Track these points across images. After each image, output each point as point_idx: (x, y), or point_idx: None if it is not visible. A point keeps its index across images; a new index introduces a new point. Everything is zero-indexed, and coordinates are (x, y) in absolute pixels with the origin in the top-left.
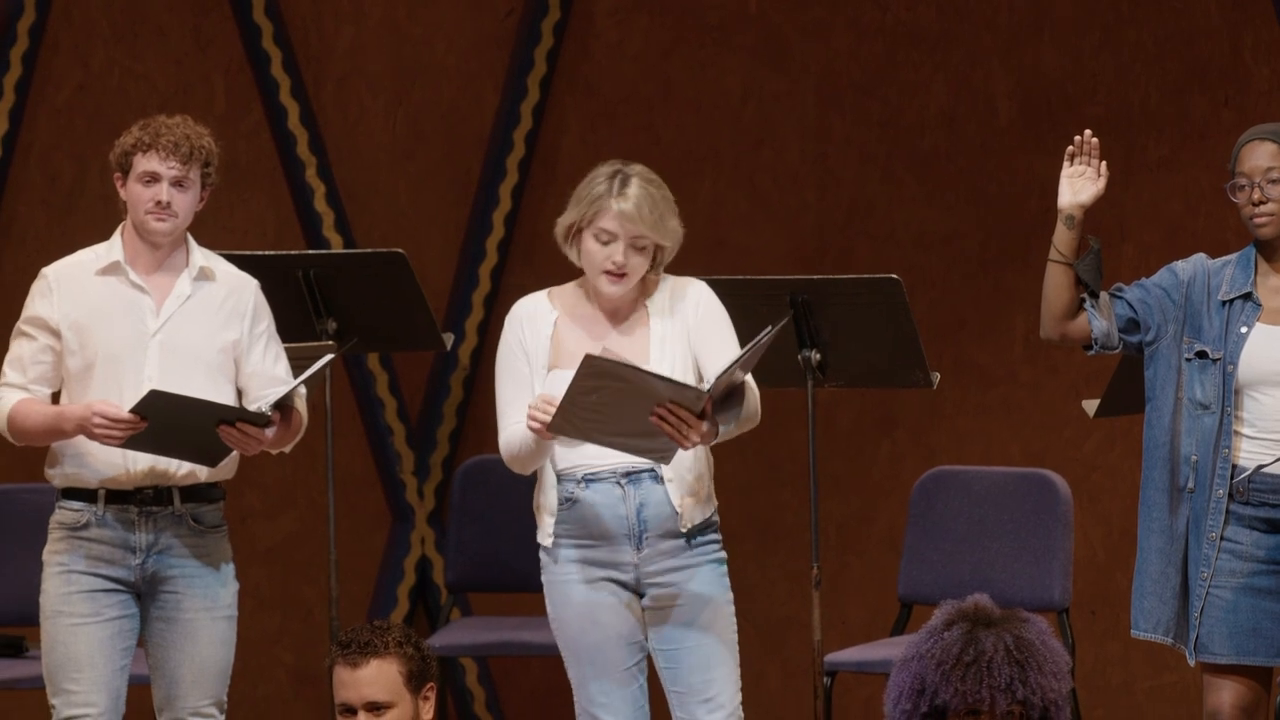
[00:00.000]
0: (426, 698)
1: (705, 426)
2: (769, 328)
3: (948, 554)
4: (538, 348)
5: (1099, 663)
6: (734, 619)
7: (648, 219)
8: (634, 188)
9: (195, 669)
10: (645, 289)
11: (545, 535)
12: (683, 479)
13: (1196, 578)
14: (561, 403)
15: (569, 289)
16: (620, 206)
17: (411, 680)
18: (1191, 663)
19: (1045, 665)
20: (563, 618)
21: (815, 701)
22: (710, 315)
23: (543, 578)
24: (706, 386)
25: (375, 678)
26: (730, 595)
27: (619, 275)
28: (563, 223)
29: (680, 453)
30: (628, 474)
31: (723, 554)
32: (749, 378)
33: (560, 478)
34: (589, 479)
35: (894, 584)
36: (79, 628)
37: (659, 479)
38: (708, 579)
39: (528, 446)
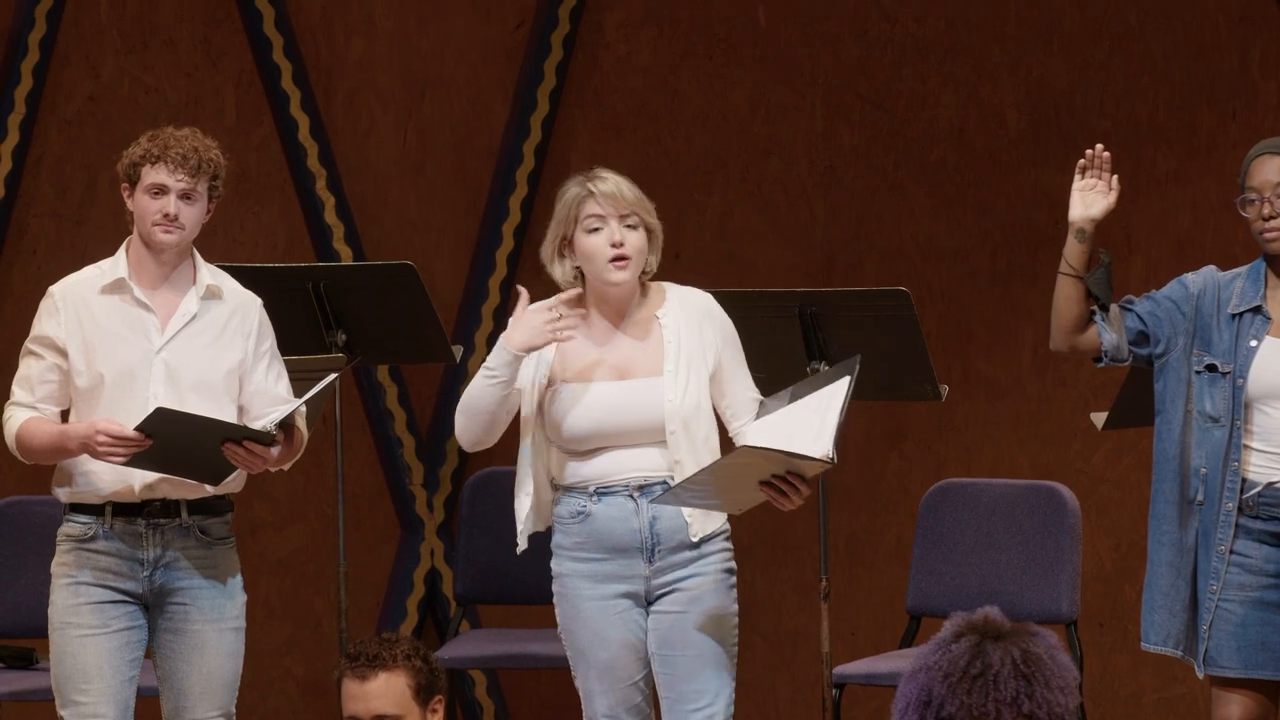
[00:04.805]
0: (435, 710)
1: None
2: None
3: (956, 566)
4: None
5: (1107, 675)
6: (736, 630)
7: (629, 195)
8: (606, 173)
9: (203, 680)
10: (652, 299)
11: (537, 525)
12: None
13: (1206, 591)
14: (694, 476)
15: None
16: (600, 188)
17: (419, 693)
18: (1200, 675)
19: (1052, 680)
20: (573, 630)
21: (824, 713)
22: (729, 337)
23: (553, 588)
24: (831, 453)
25: (383, 690)
26: (735, 607)
27: (623, 257)
28: (549, 244)
29: (684, 466)
30: (640, 487)
31: (732, 564)
32: None
33: (571, 490)
34: (601, 492)
35: (902, 596)
36: (87, 639)
37: None
38: (713, 588)
39: (486, 399)
